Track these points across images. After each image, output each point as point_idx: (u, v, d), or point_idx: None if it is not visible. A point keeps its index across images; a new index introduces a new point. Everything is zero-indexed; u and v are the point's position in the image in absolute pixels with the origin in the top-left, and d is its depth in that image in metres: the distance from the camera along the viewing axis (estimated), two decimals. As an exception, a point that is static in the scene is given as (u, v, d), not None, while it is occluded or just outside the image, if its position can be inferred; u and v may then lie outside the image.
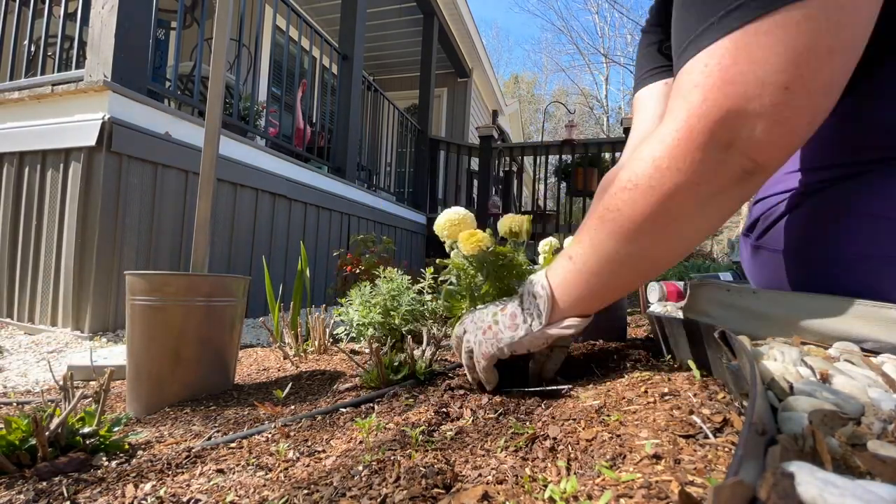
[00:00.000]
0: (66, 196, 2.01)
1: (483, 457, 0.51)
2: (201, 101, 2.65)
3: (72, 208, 1.98)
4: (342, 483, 0.48)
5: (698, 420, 0.44)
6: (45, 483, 0.59)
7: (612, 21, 24.92)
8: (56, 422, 0.68)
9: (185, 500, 0.51)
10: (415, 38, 6.51)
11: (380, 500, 0.43)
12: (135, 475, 0.60)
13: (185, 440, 0.77)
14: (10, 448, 0.64)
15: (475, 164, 6.70)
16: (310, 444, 0.65)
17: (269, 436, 0.71)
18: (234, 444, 0.68)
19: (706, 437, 0.41)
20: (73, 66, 2.26)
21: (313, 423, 0.75)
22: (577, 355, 0.90)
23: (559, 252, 1.43)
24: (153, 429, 0.85)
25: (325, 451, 0.61)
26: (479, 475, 0.46)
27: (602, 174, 5.14)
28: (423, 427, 0.62)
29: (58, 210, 2.03)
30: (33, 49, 2.60)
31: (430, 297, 1.55)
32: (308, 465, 0.56)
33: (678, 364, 0.71)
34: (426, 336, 1.08)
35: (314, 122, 4.17)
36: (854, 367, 0.47)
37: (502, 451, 0.52)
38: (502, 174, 6.21)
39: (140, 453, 0.71)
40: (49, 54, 2.67)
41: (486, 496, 0.41)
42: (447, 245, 0.77)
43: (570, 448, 0.47)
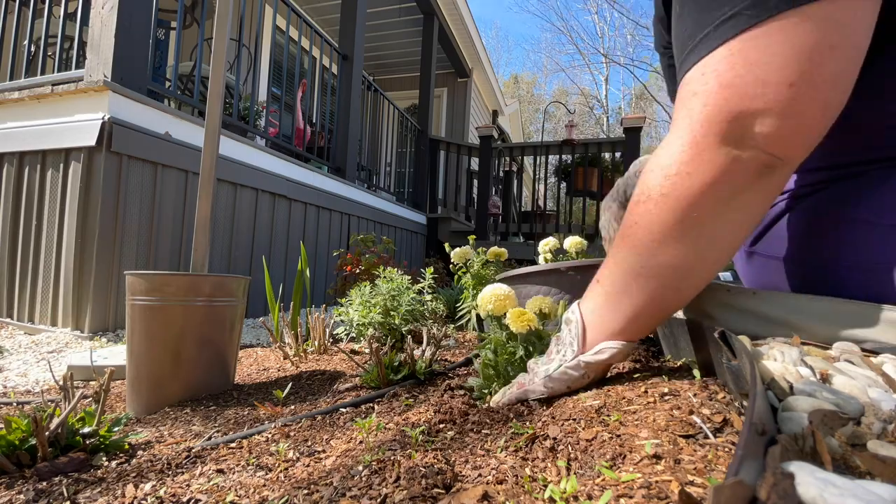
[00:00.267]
0: (65, 196, 2.01)
1: (483, 457, 0.51)
2: (201, 101, 2.65)
3: (72, 208, 1.98)
4: (342, 483, 0.48)
5: (698, 420, 0.44)
6: (45, 483, 0.59)
7: (612, 21, 24.91)
8: (56, 422, 0.68)
9: (185, 500, 0.51)
10: (415, 38, 6.51)
11: (380, 500, 0.43)
12: (135, 475, 0.60)
13: (185, 440, 0.77)
14: (10, 448, 0.64)
15: (475, 164, 6.70)
16: (310, 444, 0.65)
17: (269, 436, 0.71)
18: (234, 444, 0.68)
19: (706, 437, 0.41)
20: (73, 66, 2.26)
21: (313, 423, 0.75)
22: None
23: (557, 251, 1.43)
24: (153, 429, 0.85)
25: (325, 451, 0.61)
26: (479, 475, 0.46)
27: (602, 174, 5.15)
28: (423, 427, 0.62)
29: (58, 210, 2.03)
30: (33, 49, 2.59)
31: (430, 297, 1.55)
32: (308, 465, 0.56)
33: (678, 364, 0.71)
34: (426, 336, 1.08)
35: (314, 122, 4.17)
36: (854, 367, 0.47)
37: (502, 451, 0.52)
38: (502, 174, 6.21)
39: (140, 453, 0.71)
40: (49, 54, 2.67)
41: (486, 496, 0.41)
42: (482, 314, 0.79)
43: (570, 448, 0.47)
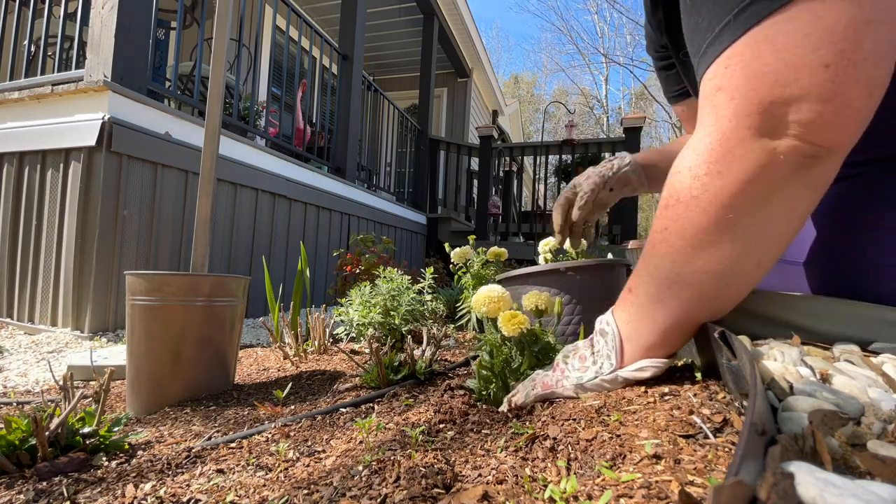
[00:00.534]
0: (66, 196, 2.01)
1: (483, 457, 0.51)
2: (201, 101, 2.65)
3: (72, 208, 1.98)
4: (342, 483, 0.48)
5: (698, 420, 0.44)
6: (45, 483, 0.59)
7: (612, 21, 24.93)
8: (56, 422, 0.68)
9: (185, 500, 0.51)
10: (415, 38, 6.51)
11: (380, 500, 0.43)
12: (135, 475, 0.60)
13: (185, 440, 0.77)
14: (10, 448, 0.64)
15: (475, 164, 6.70)
16: (310, 444, 0.65)
17: (269, 436, 0.71)
18: (234, 444, 0.68)
19: (706, 437, 0.41)
20: (73, 66, 2.26)
21: (313, 423, 0.75)
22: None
23: (557, 251, 1.43)
24: (153, 429, 0.85)
25: (325, 451, 0.61)
26: (479, 475, 0.46)
27: (602, 174, 5.15)
28: (423, 427, 0.62)
29: (58, 210, 2.03)
30: (33, 49, 2.59)
31: (430, 297, 1.55)
32: (308, 465, 0.56)
33: (678, 364, 0.71)
34: (426, 336, 1.08)
35: (314, 122, 4.17)
36: (854, 367, 0.47)
37: (502, 451, 0.52)
38: (502, 174, 6.21)
39: (140, 453, 0.71)
40: (49, 54, 2.67)
41: (486, 496, 0.41)
42: (477, 315, 0.79)
43: (570, 448, 0.47)
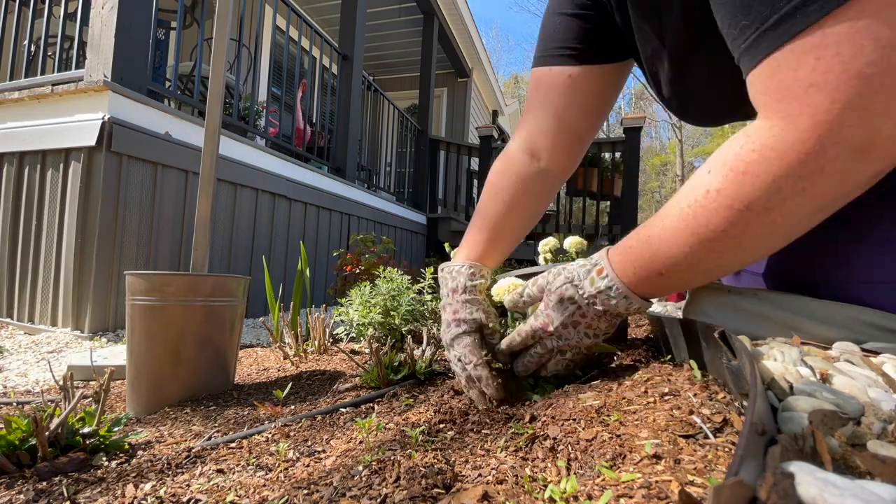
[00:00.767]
0: (65, 196, 2.01)
1: (483, 457, 0.51)
2: (201, 101, 2.65)
3: (72, 208, 1.98)
4: (342, 483, 0.48)
5: (698, 420, 0.44)
6: (45, 483, 0.59)
7: (612, 21, 24.84)
8: (56, 422, 0.68)
9: (185, 500, 0.51)
10: (415, 38, 6.52)
11: (380, 500, 0.43)
12: (135, 475, 0.60)
13: (185, 440, 0.77)
14: (10, 448, 0.64)
15: (475, 164, 6.70)
16: (310, 444, 0.65)
17: (269, 436, 0.71)
18: (234, 444, 0.68)
19: (706, 437, 0.41)
20: (73, 66, 2.26)
21: (313, 423, 0.75)
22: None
23: (557, 251, 1.43)
24: (153, 429, 0.85)
25: (325, 451, 0.61)
26: (479, 475, 0.46)
27: (602, 174, 5.15)
28: (423, 427, 0.62)
29: (58, 210, 2.03)
30: (33, 49, 2.59)
31: (430, 297, 1.55)
32: (308, 465, 0.56)
33: (678, 364, 0.71)
34: (426, 336, 1.08)
35: (314, 122, 4.17)
36: (854, 367, 0.47)
37: (502, 451, 0.52)
38: (502, 174, 6.20)
39: (140, 453, 0.71)
40: (49, 54, 2.67)
41: (486, 496, 0.41)
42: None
43: (570, 448, 0.47)
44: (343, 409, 0.82)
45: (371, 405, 0.84)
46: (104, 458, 0.68)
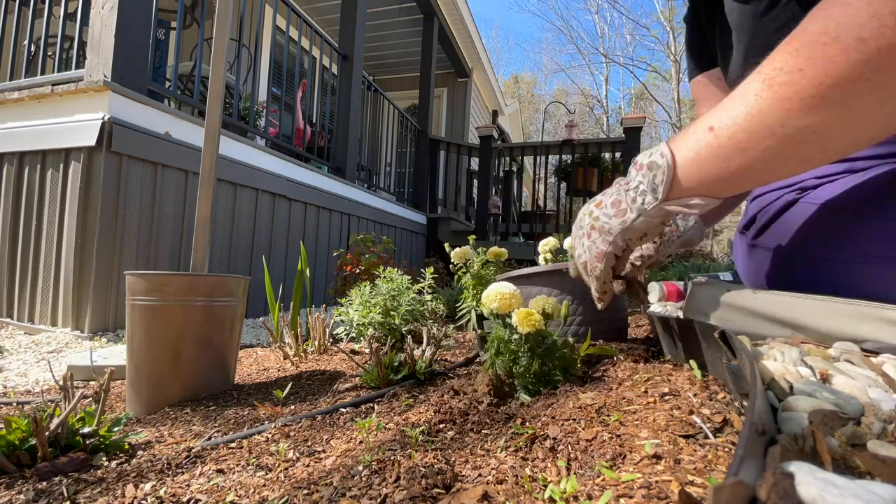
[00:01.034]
0: (65, 196, 2.01)
1: (483, 457, 0.51)
2: (201, 101, 2.65)
3: (72, 208, 1.98)
4: (342, 483, 0.48)
5: (698, 420, 0.44)
6: (45, 483, 0.59)
7: (612, 21, 24.94)
8: (56, 422, 0.68)
9: (185, 500, 0.51)
10: (415, 38, 6.51)
11: (380, 500, 0.43)
12: (135, 475, 0.60)
13: (185, 440, 0.77)
14: (10, 448, 0.64)
15: (475, 164, 6.70)
16: (310, 444, 0.65)
17: (269, 436, 0.71)
18: (234, 444, 0.68)
19: (706, 437, 0.41)
20: (73, 66, 2.26)
21: (313, 423, 0.75)
22: (577, 355, 0.90)
23: (558, 251, 1.43)
24: (153, 429, 0.85)
25: (325, 451, 0.61)
26: (479, 475, 0.46)
27: (602, 174, 5.15)
28: (423, 427, 0.62)
29: (58, 210, 2.03)
30: (33, 49, 2.59)
31: (430, 297, 1.55)
32: (308, 465, 0.56)
33: (678, 364, 0.71)
34: (426, 336, 1.08)
35: (314, 122, 4.17)
36: (854, 367, 0.47)
37: (502, 451, 0.52)
38: (502, 174, 6.21)
39: (140, 453, 0.71)
40: (49, 54, 2.67)
41: (486, 496, 0.41)
42: (485, 312, 0.80)
43: (570, 448, 0.47)
44: (343, 409, 0.82)
45: (371, 405, 0.84)
46: (104, 458, 0.68)
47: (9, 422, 0.66)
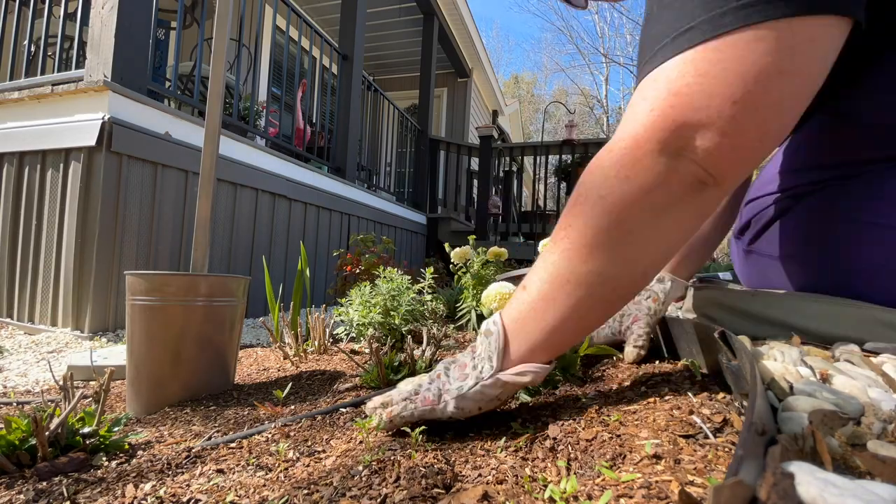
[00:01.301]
0: (65, 196, 2.01)
1: (483, 457, 0.51)
2: (201, 101, 2.65)
3: (72, 208, 1.98)
4: (342, 483, 0.48)
5: (698, 420, 0.44)
6: (45, 483, 0.59)
7: (612, 21, 24.91)
8: (56, 422, 0.68)
9: (185, 500, 0.51)
10: (415, 38, 6.51)
11: (380, 500, 0.43)
12: (135, 475, 0.60)
13: (185, 440, 0.77)
14: (10, 448, 0.64)
15: (475, 164, 6.70)
16: (310, 444, 0.65)
17: (269, 436, 0.71)
18: (234, 444, 0.68)
19: (706, 437, 0.41)
20: (73, 66, 2.26)
21: (313, 423, 0.75)
22: (576, 355, 0.90)
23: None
24: (153, 429, 0.85)
25: (325, 452, 0.61)
26: (479, 475, 0.46)
27: (602, 174, 5.15)
28: (423, 427, 0.62)
29: (58, 210, 2.03)
30: (33, 49, 2.59)
31: (430, 297, 1.55)
32: (308, 465, 0.56)
33: (678, 364, 0.71)
34: (426, 336, 1.08)
35: (314, 122, 4.17)
36: (854, 367, 0.47)
37: (502, 451, 0.52)
38: (502, 174, 6.21)
39: (140, 453, 0.71)
40: (49, 54, 2.67)
41: (486, 496, 0.41)
42: (485, 312, 0.82)
43: (570, 448, 0.47)
44: (343, 409, 0.82)
45: (371, 405, 0.84)
46: (104, 458, 0.68)
47: (9, 422, 0.66)
